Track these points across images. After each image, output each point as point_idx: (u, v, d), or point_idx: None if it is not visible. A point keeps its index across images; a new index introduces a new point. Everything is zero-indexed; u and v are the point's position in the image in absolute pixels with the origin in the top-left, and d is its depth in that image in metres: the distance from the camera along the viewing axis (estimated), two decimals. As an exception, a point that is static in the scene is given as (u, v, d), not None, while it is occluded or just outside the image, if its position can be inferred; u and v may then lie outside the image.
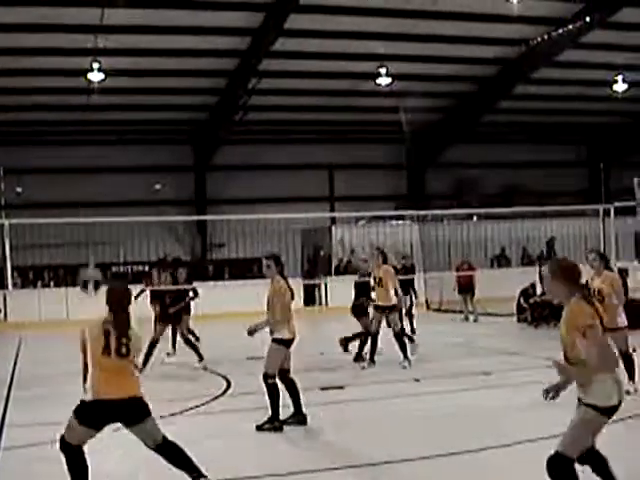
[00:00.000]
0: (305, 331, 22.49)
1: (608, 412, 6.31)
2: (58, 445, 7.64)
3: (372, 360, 16.53)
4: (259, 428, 10.98)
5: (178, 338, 18.63)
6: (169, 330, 18.71)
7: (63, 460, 7.55)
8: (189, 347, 17.70)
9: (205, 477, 7.82)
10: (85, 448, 7.63)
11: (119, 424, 7.70)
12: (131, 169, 38.92)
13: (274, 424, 11.04)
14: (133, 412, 7.58)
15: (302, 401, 11.37)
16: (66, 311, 29.58)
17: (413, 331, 22.29)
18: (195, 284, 20.03)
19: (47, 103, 35.08)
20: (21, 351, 22.01)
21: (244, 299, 23.63)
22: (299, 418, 11.33)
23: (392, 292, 16.87)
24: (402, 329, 17.58)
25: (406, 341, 17.44)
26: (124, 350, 7.56)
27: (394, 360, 16.58)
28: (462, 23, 30.93)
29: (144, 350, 14.69)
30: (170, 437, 7.83)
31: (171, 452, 7.82)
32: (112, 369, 7.53)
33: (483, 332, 23.51)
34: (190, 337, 18.24)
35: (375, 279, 17.13)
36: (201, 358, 17.35)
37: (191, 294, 19.14)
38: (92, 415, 7.52)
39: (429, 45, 32.78)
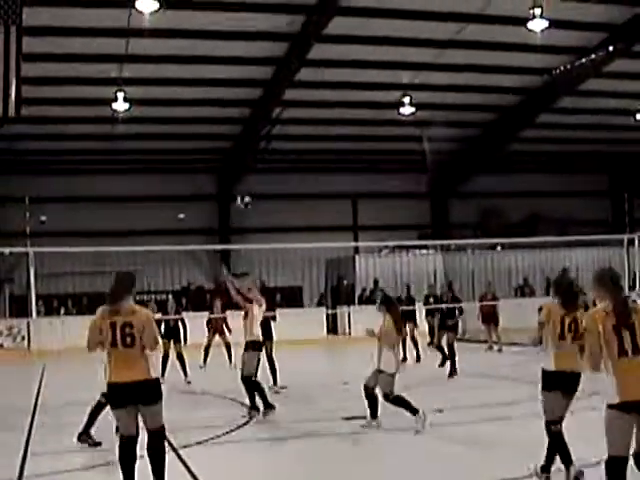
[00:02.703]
0: (328, 360, 22.54)
1: None
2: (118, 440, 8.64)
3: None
4: None
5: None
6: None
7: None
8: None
9: None
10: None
11: None
12: (155, 198, 39.08)
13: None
14: (145, 393, 8.40)
15: None
16: (89, 339, 29.66)
17: (418, 357, 22.78)
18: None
19: (72, 132, 35.33)
20: (44, 379, 22.03)
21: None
22: None
23: None
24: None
25: None
26: (129, 340, 8.35)
27: (417, 391, 16.48)
28: (485, 52, 30.99)
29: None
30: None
31: (153, 446, 8.51)
32: (121, 358, 8.41)
33: (507, 362, 23.37)
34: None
35: None
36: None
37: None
38: (113, 396, 8.54)
39: (452, 74, 32.83)
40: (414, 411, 12.58)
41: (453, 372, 19.91)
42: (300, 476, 10.19)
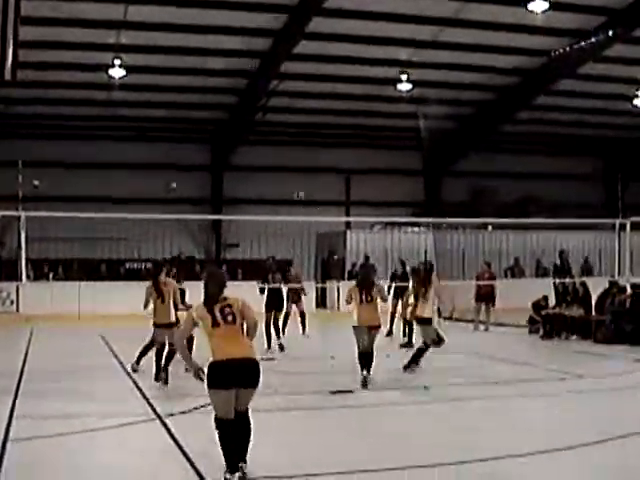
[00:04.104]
0: (316, 334, 22.58)
1: None
2: (213, 424, 8.50)
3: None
4: None
5: None
6: None
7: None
8: None
9: (244, 467, 8.46)
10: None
11: None
12: (149, 166, 38.95)
13: None
14: (251, 374, 8.49)
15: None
16: (78, 305, 29.69)
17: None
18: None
19: (67, 97, 35.20)
20: (32, 343, 22.07)
21: (257, 301, 23.52)
22: None
23: None
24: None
25: None
26: (230, 318, 8.60)
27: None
28: (484, 32, 30.89)
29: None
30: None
31: (242, 426, 8.56)
32: (224, 336, 8.52)
33: (494, 342, 23.46)
34: None
35: None
36: None
37: None
38: (218, 375, 8.33)
39: (451, 53, 32.74)
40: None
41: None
42: (283, 447, 10.22)
